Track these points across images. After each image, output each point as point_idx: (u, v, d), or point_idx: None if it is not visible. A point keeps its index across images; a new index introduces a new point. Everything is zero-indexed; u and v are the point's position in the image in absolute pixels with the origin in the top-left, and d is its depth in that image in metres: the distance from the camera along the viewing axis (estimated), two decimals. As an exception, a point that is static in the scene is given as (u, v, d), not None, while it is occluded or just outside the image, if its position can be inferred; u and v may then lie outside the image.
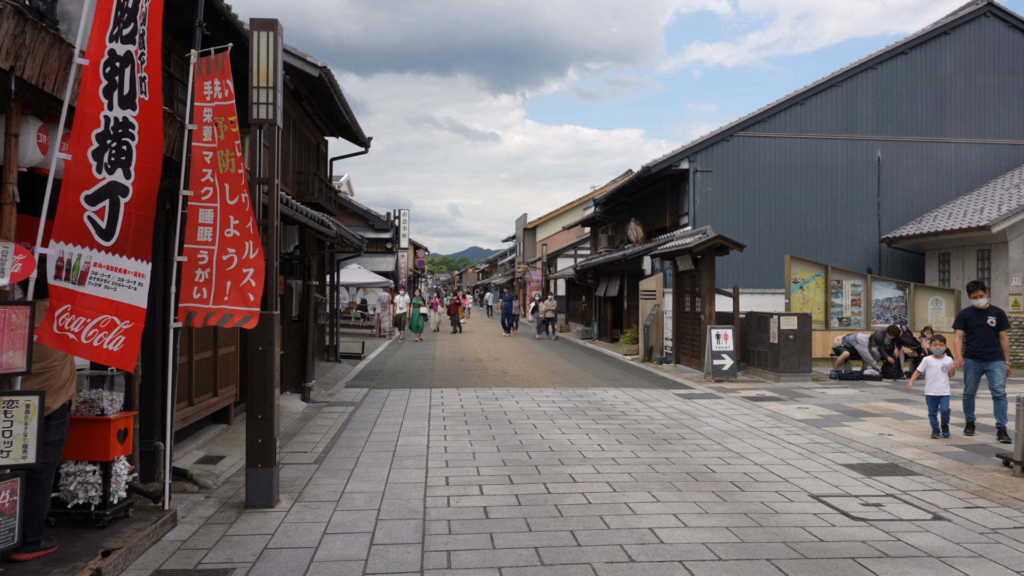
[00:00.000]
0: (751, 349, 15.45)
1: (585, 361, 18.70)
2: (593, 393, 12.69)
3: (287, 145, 13.07)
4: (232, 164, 5.75)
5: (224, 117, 5.79)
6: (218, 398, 8.16)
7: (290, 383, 11.58)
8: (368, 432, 9.09)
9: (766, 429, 9.51)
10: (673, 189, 20.85)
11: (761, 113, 20.01)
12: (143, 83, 5.05)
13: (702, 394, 12.78)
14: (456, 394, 12.47)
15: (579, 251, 39.25)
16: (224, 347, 8.36)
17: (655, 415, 10.51)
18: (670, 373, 15.94)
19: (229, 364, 8.59)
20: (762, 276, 19.59)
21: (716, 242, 15.00)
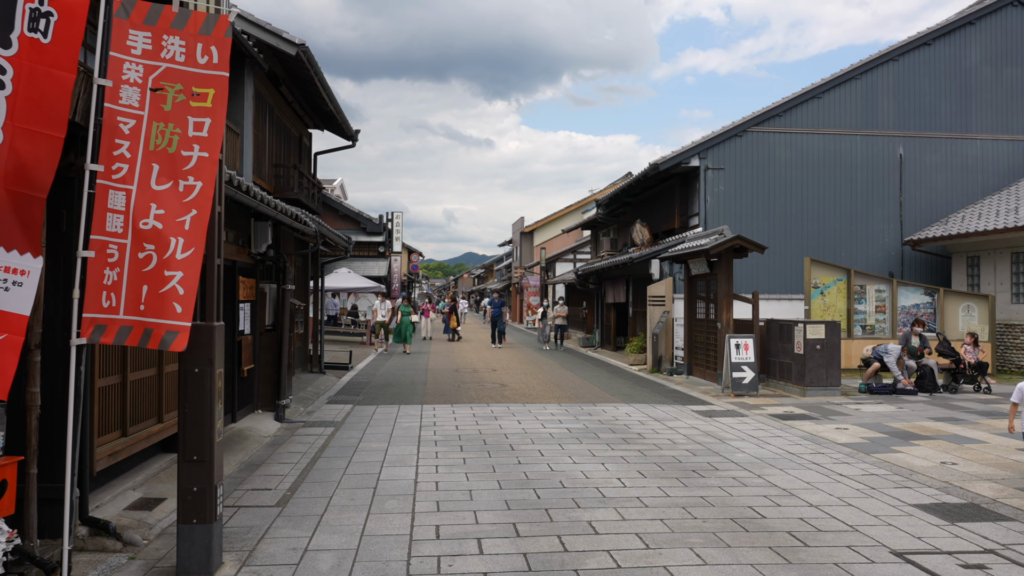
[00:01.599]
0: (772, 360, 14.17)
1: (589, 372, 17.40)
2: (603, 410, 11.39)
3: (262, 134, 11.78)
4: (172, 142, 4.44)
5: (182, 86, 4.47)
6: (164, 424, 6.84)
7: (263, 400, 10.26)
8: (347, 462, 7.77)
9: (807, 456, 8.23)
10: (682, 188, 19.58)
11: (776, 107, 18.76)
12: (40, 18, 3.77)
13: (723, 411, 11.50)
14: (450, 412, 11.16)
15: (578, 255, 37.99)
16: (171, 364, 7.04)
17: (677, 438, 9.21)
18: (683, 386, 14.65)
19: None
20: (778, 280, 18.33)
21: (734, 243, 13.73)
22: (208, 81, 4.46)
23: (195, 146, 4.42)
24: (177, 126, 4.39)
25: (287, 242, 10.80)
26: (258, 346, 10.16)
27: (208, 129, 4.44)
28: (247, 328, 9.74)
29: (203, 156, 4.43)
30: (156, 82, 4.39)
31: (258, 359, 10.17)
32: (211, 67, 4.48)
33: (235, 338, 9.28)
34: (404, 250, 41.66)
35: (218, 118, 4.47)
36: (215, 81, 4.48)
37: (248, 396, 9.88)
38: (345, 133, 15.62)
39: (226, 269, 9.00)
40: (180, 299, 4.38)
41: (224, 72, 4.53)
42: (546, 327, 25.22)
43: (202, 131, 4.43)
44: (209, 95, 4.45)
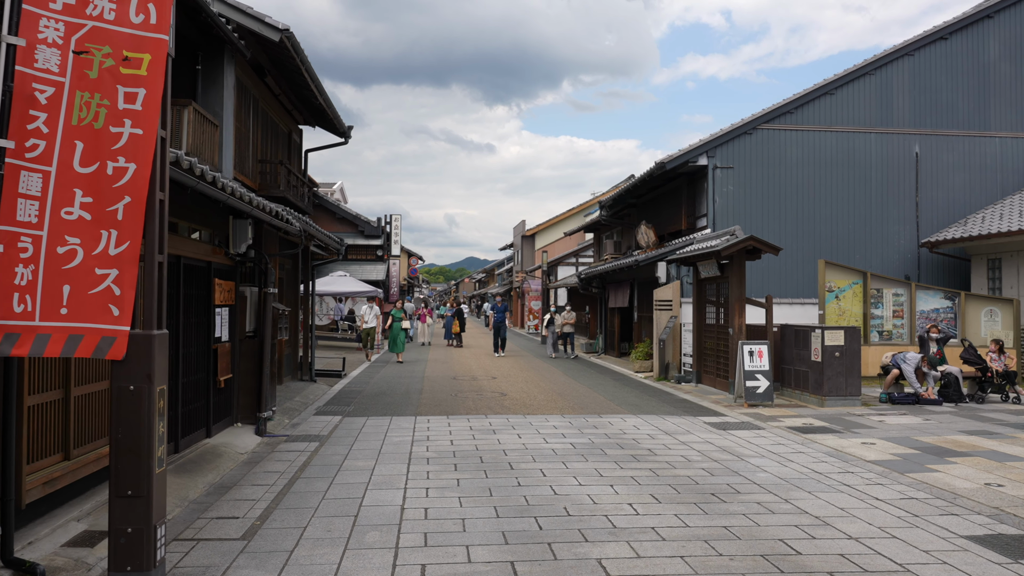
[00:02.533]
0: (787, 368, 13.41)
1: (593, 379, 16.64)
2: (609, 423, 10.63)
3: (245, 127, 11.04)
4: (99, 116, 3.71)
5: (112, 49, 3.73)
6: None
7: (243, 413, 9.51)
8: (328, 483, 7.02)
9: (835, 476, 7.47)
10: (689, 188, 18.84)
11: (787, 104, 18.03)
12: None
13: (738, 423, 10.74)
14: (446, 424, 10.40)
15: (581, 259, 37.25)
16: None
17: (691, 454, 8.45)
18: (693, 395, 13.89)
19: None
20: (790, 284, 17.57)
21: (747, 244, 12.98)
22: (143, 44, 3.73)
23: (126, 121, 3.69)
24: (105, 97, 3.67)
25: (270, 242, 10.07)
26: (237, 354, 9.41)
27: (143, 101, 3.71)
28: (225, 335, 9.00)
29: (136, 133, 3.70)
30: (80, 43, 3.67)
31: (237, 368, 9.43)
32: (147, 28, 3.76)
33: (210, 346, 8.54)
34: (403, 254, 40.93)
35: (155, 89, 3.74)
36: (152, 45, 3.75)
37: (226, 408, 9.14)
38: (337, 129, 14.89)
39: (200, 271, 8.27)
40: (117, 300, 3.67)
41: (163, 35, 3.81)
42: (552, 334, 23.55)
43: (135, 103, 3.70)
44: (144, 61, 3.72)
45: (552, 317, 23.75)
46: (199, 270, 8.24)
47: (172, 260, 7.42)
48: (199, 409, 8.26)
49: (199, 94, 9.65)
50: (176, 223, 7.48)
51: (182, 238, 7.67)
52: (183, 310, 7.71)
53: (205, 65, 9.61)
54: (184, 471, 7.09)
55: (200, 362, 8.29)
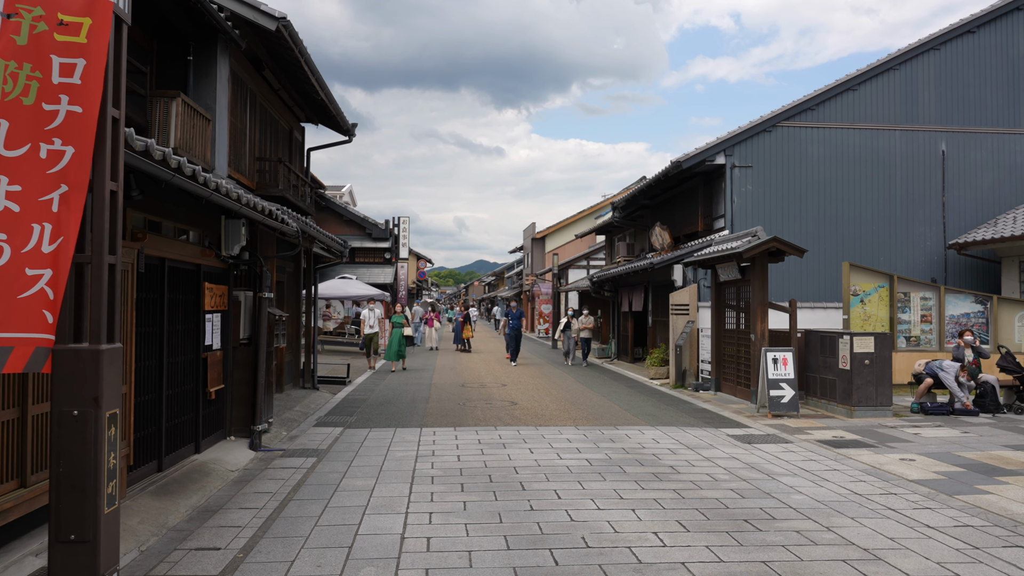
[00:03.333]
0: (812, 376, 12.73)
1: (607, 387, 15.99)
2: (626, 436, 9.99)
3: (241, 123, 10.47)
4: (29, 90, 3.12)
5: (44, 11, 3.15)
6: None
7: (236, 425, 8.93)
8: (323, 506, 6.41)
9: (877, 498, 6.81)
10: (706, 188, 18.19)
11: (808, 100, 17.36)
12: None
13: (763, 436, 10.08)
14: (453, 437, 9.79)
15: (592, 261, 36.62)
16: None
17: (717, 472, 7.80)
18: (713, 404, 13.23)
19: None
20: (811, 287, 16.89)
21: (770, 246, 12.32)
22: (83, 7, 3.14)
23: (62, 97, 3.10)
24: (37, 68, 3.09)
25: (267, 244, 9.49)
26: (230, 363, 8.83)
27: (83, 74, 3.12)
28: (216, 342, 8.42)
29: (74, 111, 3.11)
30: (10, 5, 3.07)
31: (230, 378, 8.84)
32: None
33: (199, 354, 7.96)
34: (412, 256, 40.38)
35: (97, 59, 3.15)
36: (94, 8, 3.15)
37: (217, 421, 8.55)
38: (340, 127, 14.32)
39: (188, 274, 7.69)
40: (51, 305, 3.07)
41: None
42: (568, 340, 22.04)
43: (73, 76, 3.12)
44: (84, 27, 3.13)
45: (568, 322, 22.37)
46: (187, 273, 7.67)
47: (155, 263, 6.84)
48: (186, 423, 7.68)
49: (190, 87, 9.09)
50: (159, 222, 6.91)
51: (167, 239, 7.10)
52: (168, 316, 7.14)
53: (197, 56, 9.06)
54: (166, 493, 6.50)
55: (188, 372, 7.71)
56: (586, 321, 21.72)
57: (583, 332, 21.59)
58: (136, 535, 5.43)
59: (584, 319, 21.78)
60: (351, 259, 33.65)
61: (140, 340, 6.49)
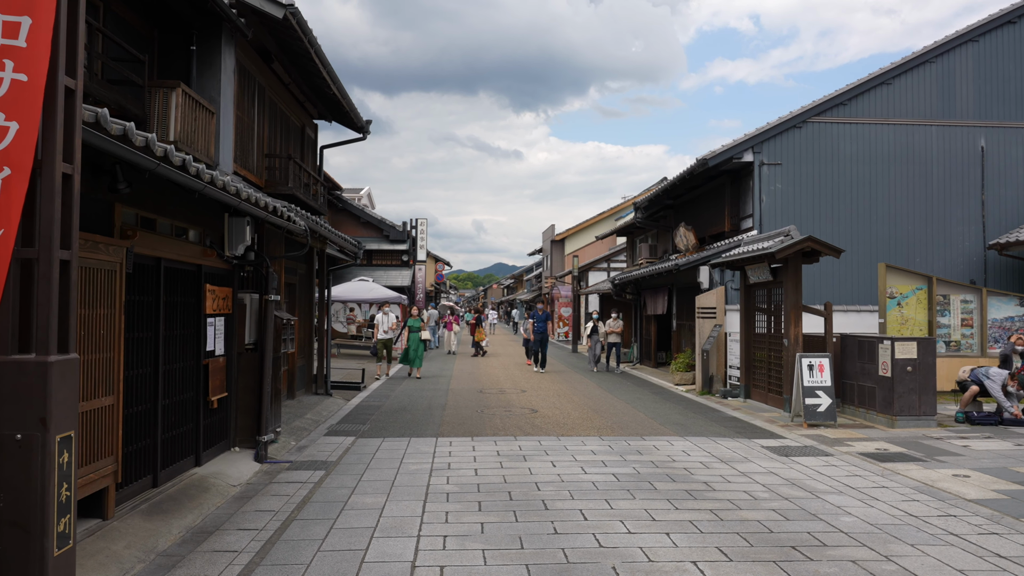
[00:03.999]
0: (849, 383, 12.06)
1: (630, 393, 15.39)
2: (654, 447, 9.40)
3: (248, 117, 10.01)
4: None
5: None
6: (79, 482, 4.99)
7: (241, 435, 8.44)
8: (328, 528, 5.89)
9: (936, 521, 6.18)
10: (733, 187, 17.55)
11: (840, 95, 16.67)
12: None
13: (800, 447, 9.45)
14: (470, 447, 9.25)
15: (612, 264, 35.99)
16: (91, 399, 5.22)
17: (755, 490, 7.20)
18: (743, 412, 12.59)
19: (103, 426, 5.45)
20: (843, 290, 16.19)
21: (805, 246, 11.68)
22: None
23: (6, 62, 2.59)
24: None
25: (274, 244, 9.00)
26: (235, 370, 8.34)
27: (28, 35, 2.63)
28: (219, 348, 7.93)
29: (19, 80, 2.62)
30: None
31: (235, 385, 8.36)
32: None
33: (200, 361, 7.47)
34: (430, 259, 39.96)
35: (44, 17, 2.66)
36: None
37: (220, 431, 8.06)
38: (354, 124, 13.84)
39: (187, 275, 7.21)
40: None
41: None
42: (595, 345, 20.55)
43: (16, 38, 2.63)
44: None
45: (595, 325, 20.82)
46: (186, 274, 7.18)
47: (150, 263, 6.36)
48: (186, 434, 7.19)
49: (193, 78, 8.63)
50: (154, 220, 6.42)
51: (163, 237, 6.62)
52: (164, 320, 6.65)
53: (200, 46, 8.60)
54: (159, 511, 6.00)
55: (187, 380, 7.23)
56: (614, 324, 20.39)
57: (611, 336, 20.29)
58: (120, 561, 4.93)
59: (612, 322, 20.47)
60: (368, 262, 33.29)
61: (131, 346, 6.00)
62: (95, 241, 5.20)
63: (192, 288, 7.32)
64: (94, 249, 5.19)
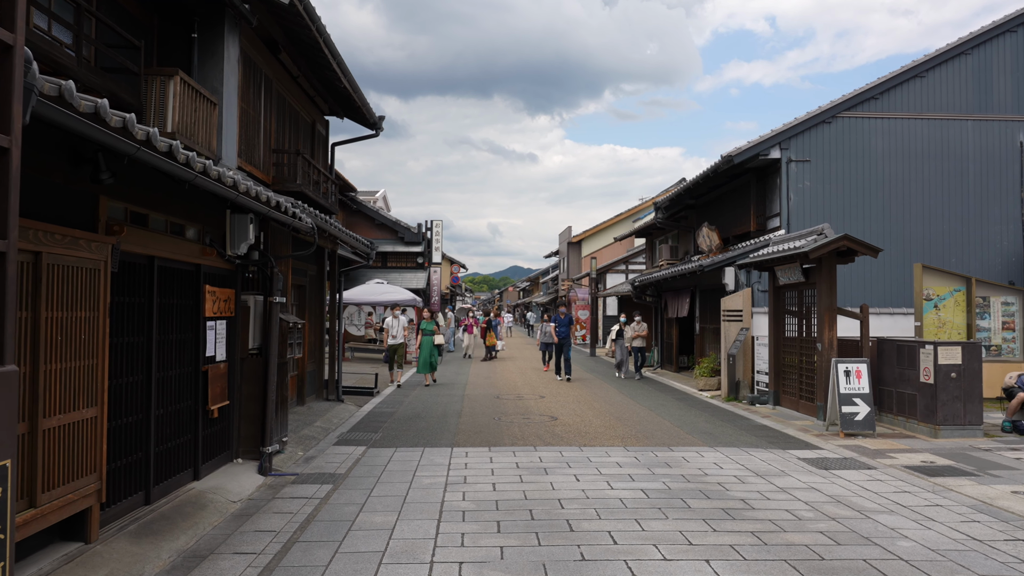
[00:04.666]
0: (886, 390, 11.41)
1: (653, 399, 14.79)
2: (683, 458, 8.81)
3: (254, 111, 9.53)
4: None
5: None
6: (54, 504, 4.50)
7: (245, 445, 7.94)
8: (333, 551, 5.36)
9: (1004, 547, 5.57)
10: (759, 185, 16.92)
11: (871, 88, 16.02)
12: None
13: (840, 459, 8.84)
14: (487, 459, 8.70)
15: (631, 266, 35.34)
16: (69, 411, 4.73)
17: (798, 508, 6.61)
18: (773, 420, 11.98)
19: (84, 441, 4.94)
20: (876, 291, 15.53)
21: (840, 244, 11.06)
22: None
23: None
24: None
25: (280, 243, 8.51)
26: (238, 376, 7.85)
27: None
28: (220, 353, 7.44)
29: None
30: None
31: (238, 393, 7.86)
32: None
33: (199, 367, 6.98)
34: (445, 261, 39.47)
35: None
36: None
37: (221, 442, 7.57)
38: (367, 120, 13.35)
39: (184, 276, 6.72)
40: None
41: None
42: (621, 350, 19.50)
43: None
44: None
45: (621, 329, 19.77)
46: (183, 275, 6.69)
47: (142, 262, 5.88)
48: (182, 446, 6.70)
49: (194, 67, 8.15)
50: (146, 215, 5.94)
51: (156, 234, 6.13)
52: (158, 324, 6.16)
53: (202, 34, 8.13)
54: (148, 532, 5.50)
55: (184, 388, 6.73)
56: (639, 328, 19.27)
57: (635, 341, 19.17)
58: (100, 593, 4.43)
59: (636, 326, 19.31)
60: (383, 264, 32.86)
61: (118, 353, 5.51)
62: (74, 237, 4.71)
63: (190, 289, 6.83)
64: (73, 246, 4.70)
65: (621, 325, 20.03)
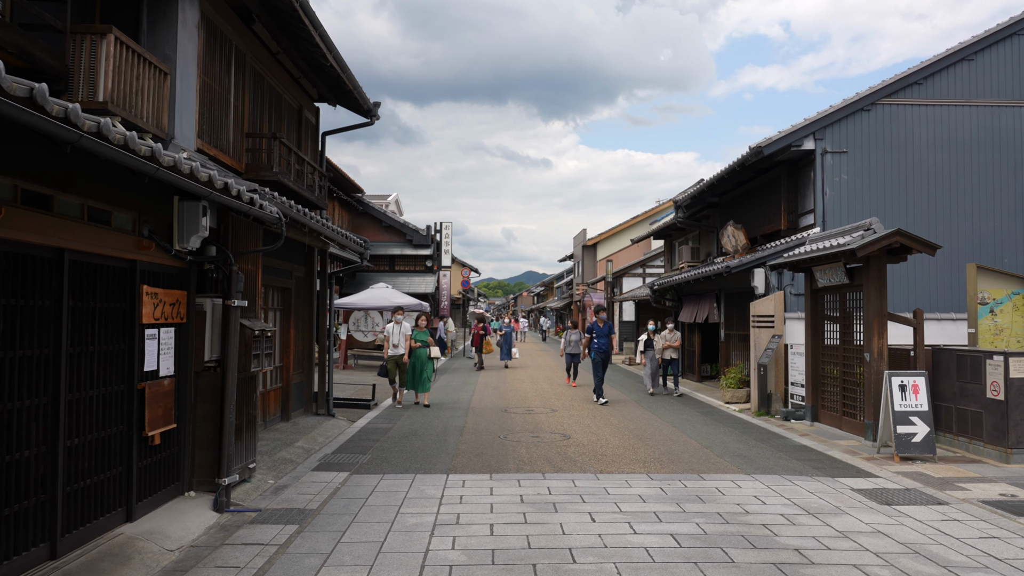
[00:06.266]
0: (943, 406, 10.04)
1: (675, 413, 13.45)
2: (717, 490, 7.50)
3: (222, 87, 8.30)
4: None
5: None
6: None
7: (200, 475, 6.71)
8: (272, 631, 4.11)
9: None
10: (790, 179, 15.57)
11: (914, 73, 14.66)
12: None
13: (901, 491, 7.51)
14: (487, 489, 7.43)
15: (648, 269, 34.03)
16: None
17: (868, 563, 5.29)
18: (813, 439, 10.63)
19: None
20: (920, 295, 14.16)
21: (893, 241, 9.72)
22: None
23: None
24: None
25: (247, 238, 7.30)
26: (191, 394, 6.63)
27: None
28: (166, 367, 6.23)
29: None
30: None
31: (191, 413, 6.64)
32: None
33: (134, 384, 5.76)
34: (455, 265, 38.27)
35: None
36: None
37: (168, 474, 6.34)
38: (360, 107, 12.14)
39: (113, 274, 5.51)
40: None
41: None
42: (652, 363, 16.80)
43: None
44: None
45: (650, 338, 16.95)
46: (111, 273, 5.48)
47: (45, 255, 4.67)
48: (108, 482, 5.47)
49: (143, 31, 6.96)
50: (49, 196, 4.73)
51: (68, 220, 4.92)
52: (71, 333, 4.95)
53: (153, -8, 6.94)
54: (39, 603, 4.26)
55: (111, 410, 5.52)
56: (671, 337, 16.38)
57: (667, 351, 16.34)
58: None
59: (669, 334, 16.42)
60: (390, 267, 31.69)
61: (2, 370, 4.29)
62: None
63: (121, 290, 5.61)
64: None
65: (650, 334, 17.03)
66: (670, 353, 16.32)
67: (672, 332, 16.51)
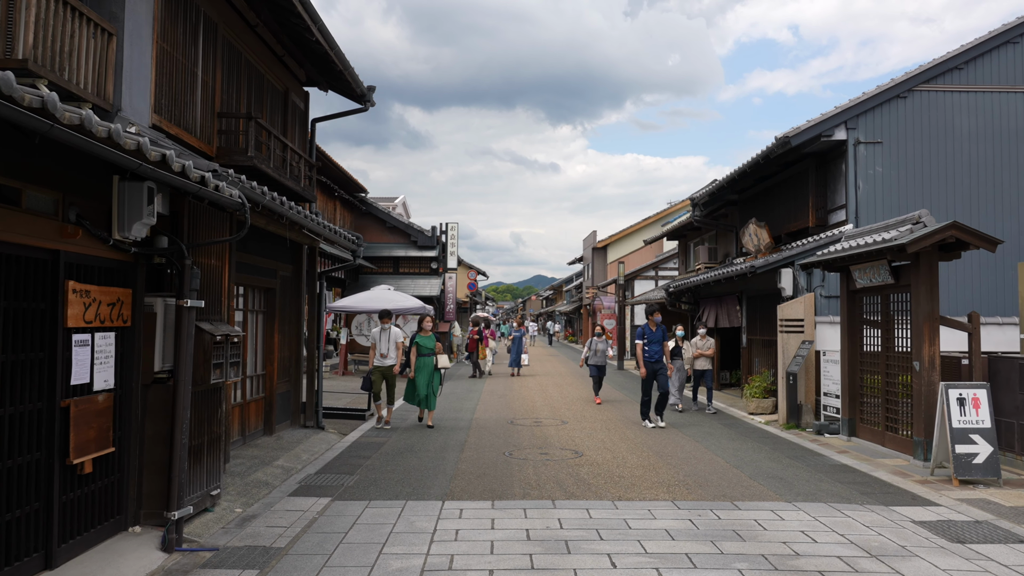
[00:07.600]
0: (1004, 421, 8.92)
1: (698, 425, 12.35)
2: (756, 523, 6.41)
3: (186, 58, 7.26)
4: None
5: None
6: None
7: (150, 506, 5.69)
8: None
9: None
10: (818, 172, 14.47)
11: (954, 57, 13.57)
12: None
13: (972, 525, 6.41)
14: (488, 522, 6.37)
15: (661, 272, 32.91)
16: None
17: (963, 630, 4.20)
18: (853, 457, 9.54)
19: None
20: (961, 297, 13.05)
21: (947, 235, 8.62)
22: None
23: None
24: None
25: (210, 228, 6.27)
26: (137, 410, 5.60)
27: None
28: (103, 380, 5.21)
29: None
30: None
31: (137, 434, 5.62)
32: None
33: (56, 401, 4.73)
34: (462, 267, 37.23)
35: None
36: None
37: (104, 507, 5.31)
38: (352, 91, 11.12)
39: (30, 266, 4.49)
40: None
41: None
42: (681, 375, 14.29)
43: None
44: None
45: (678, 345, 14.26)
46: (23, 264, 4.47)
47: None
48: (18, 523, 4.44)
49: (86, -15, 5.97)
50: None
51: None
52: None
53: (98, -60, 5.94)
54: None
55: (25, 434, 4.49)
56: (703, 345, 14.31)
57: (698, 361, 14.34)
58: None
59: (701, 341, 14.38)
60: (395, 269, 30.69)
61: None
62: None
63: (38, 287, 4.60)
64: None
65: (678, 340, 14.36)
66: (702, 363, 14.34)
67: (704, 339, 14.52)
